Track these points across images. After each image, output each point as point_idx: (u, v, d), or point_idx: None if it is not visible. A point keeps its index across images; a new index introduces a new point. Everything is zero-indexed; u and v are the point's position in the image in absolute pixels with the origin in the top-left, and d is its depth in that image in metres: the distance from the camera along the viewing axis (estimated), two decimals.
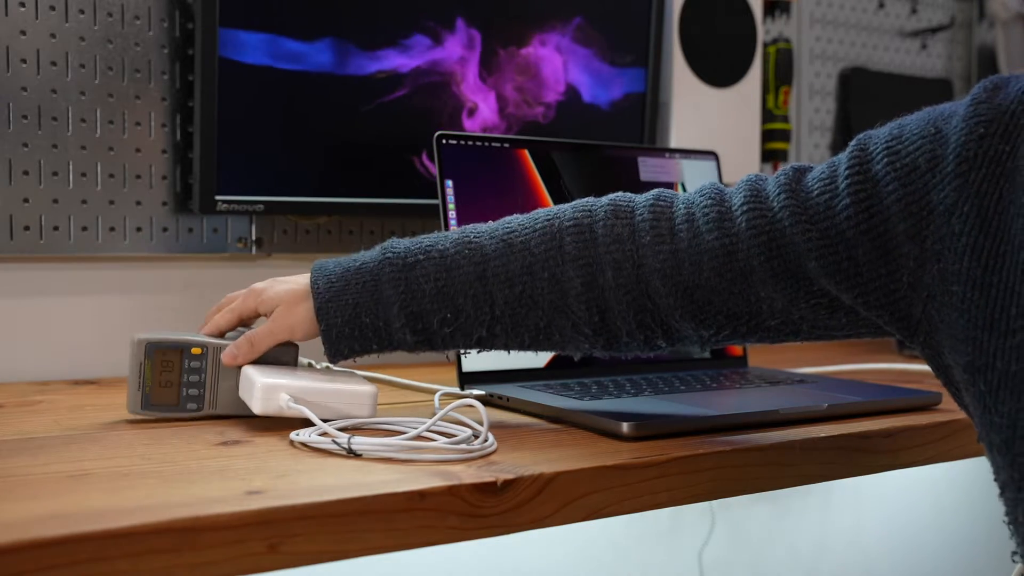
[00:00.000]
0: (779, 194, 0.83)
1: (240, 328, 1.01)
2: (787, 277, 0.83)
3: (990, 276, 0.73)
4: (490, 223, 0.93)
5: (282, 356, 0.97)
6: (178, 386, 0.94)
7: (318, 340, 0.93)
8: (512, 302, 0.89)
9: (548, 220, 0.91)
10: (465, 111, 1.39)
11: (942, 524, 1.97)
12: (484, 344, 0.92)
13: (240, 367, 0.94)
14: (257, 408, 0.89)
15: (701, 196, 0.88)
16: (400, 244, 0.92)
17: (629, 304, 0.88)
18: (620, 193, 0.92)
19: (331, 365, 1.01)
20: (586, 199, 0.92)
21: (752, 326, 0.87)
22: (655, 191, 0.91)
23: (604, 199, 0.91)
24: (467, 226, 0.93)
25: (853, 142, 0.83)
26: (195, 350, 0.94)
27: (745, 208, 0.84)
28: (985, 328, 0.73)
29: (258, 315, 0.97)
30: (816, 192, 0.82)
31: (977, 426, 0.77)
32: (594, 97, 1.49)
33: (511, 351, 0.93)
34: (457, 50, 1.37)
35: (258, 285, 0.97)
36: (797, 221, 0.82)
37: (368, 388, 0.93)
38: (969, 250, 0.74)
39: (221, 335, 0.97)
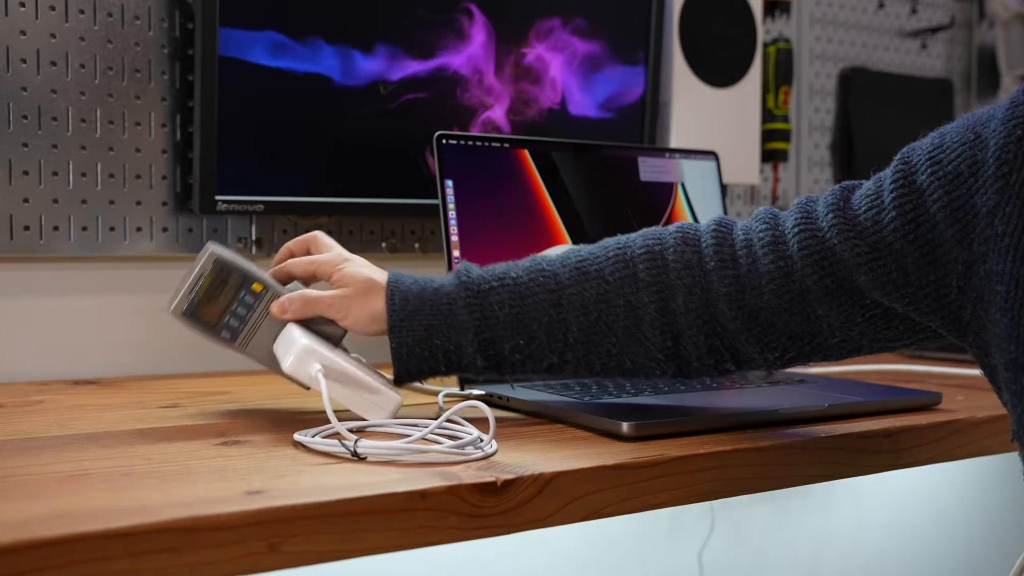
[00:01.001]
0: (827, 214, 0.86)
1: (297, 283, 1.02)
2: (841, 293, 0.85)
3: None
4: (558, 252, 0.95)
5: (331, 332, 0.97)
6: (224, 311, 0.94)
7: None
8: (586, 329, 0.90)
9: (619, 248, 0.92)
10: (464, 111, 1.39)
11: (942, 524, 1.97)
12: (554, 371, 0.93)
13: (286, 322, 0.95)
14: (287, 366, 0.90)
15: (757, 221, 0.90)
16: (475, 271, 0.93)
17: (699, 329, 0.89)
18: (686, 222, 0.94)
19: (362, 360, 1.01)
20: (654, 228, 0.94)
21: (815, 346, 0.89)
22: (715, 217, 0.93)
23: (671, 227, 0.93)
24: (536, 255, 0.95)
25: (897, 156, 0.85)
26: (256, 286, 0.95)
27: (797, 230, 0.86)
28: None
29: (328, 279, 0.97)
30: (863, 208, 0.84)
31: (1014, 424, 0.79)
32: (594, 97, 1.49)
33: (579, 378, 0.94)
34: (459, 51, 1.37)
35: (343, 253, 0.98)
36: (846, 238, 0.84)
37: (395, 396, 0.93)
38: (1012, 249, 0.76)
39: (287, 281, 0.98)
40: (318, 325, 0.96)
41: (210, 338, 0.95)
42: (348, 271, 0.95)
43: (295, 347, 0.89)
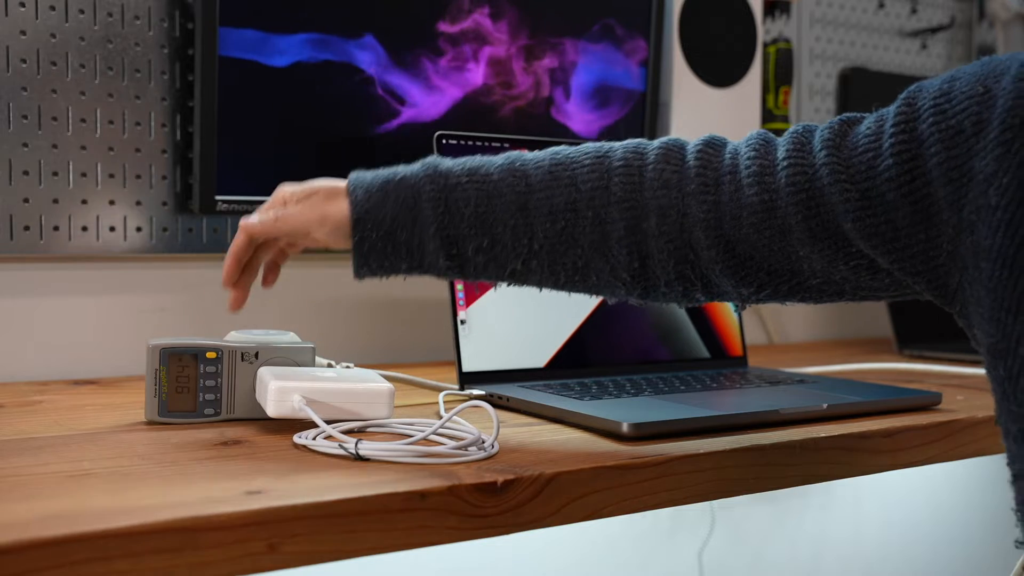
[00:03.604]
0: (822, 149, 0.80)
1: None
2: (825, 237, 0.79)
3: (1023, 256, 0.69)
4: (538, 152, 0.89)
5: (298, 356, 0.97)
6: (195, 391, 0.94)
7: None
8: (552, 237, 0.85)
9: (598, 157, 0.86)
10: (469, 111, 1.39)
11: (942, 524, 1.96)
12: (516, 278, 0.88)
13: (256, 371, 0.94)
14: (271, 410, 0.89)
15: (748, 147, 0.84)
16: (444, 163, 0.88)
17: (671, 253, 0.83)
18: (674, 137, 0.88)
19: (350, 365, 1.00)
20: (639, 140, 0.88)
21: (793, 285, 0.84)
22: (707, 136, 0.87)
23: (657, 141, 0.87)
24: (515, 152, 0.89)
25: (904, 94, 0.78)
26: (210, 354, 0.94)
27: (787, 163, 0.80)
28: (1011, 311, 0.70)
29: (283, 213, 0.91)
30: (860, 150, 0.78)
31: (996, 409, 0.75)
32: (593, 96, 1.49)
33: (543, 288, 0.89)
34: (466, 51, 1.37)
35: (276, 199, 0.92)
36: (836, 180, 0.78)
37: (384, 387, 0.92)
38: (1004, 225, 0.70)
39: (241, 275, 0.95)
40: (286, 355, 0.96)
41: (197, 424, 0.94)
42: (298, 187, 0.91)
43: (268, 392, 0.89)
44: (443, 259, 0.86)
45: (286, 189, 0.92)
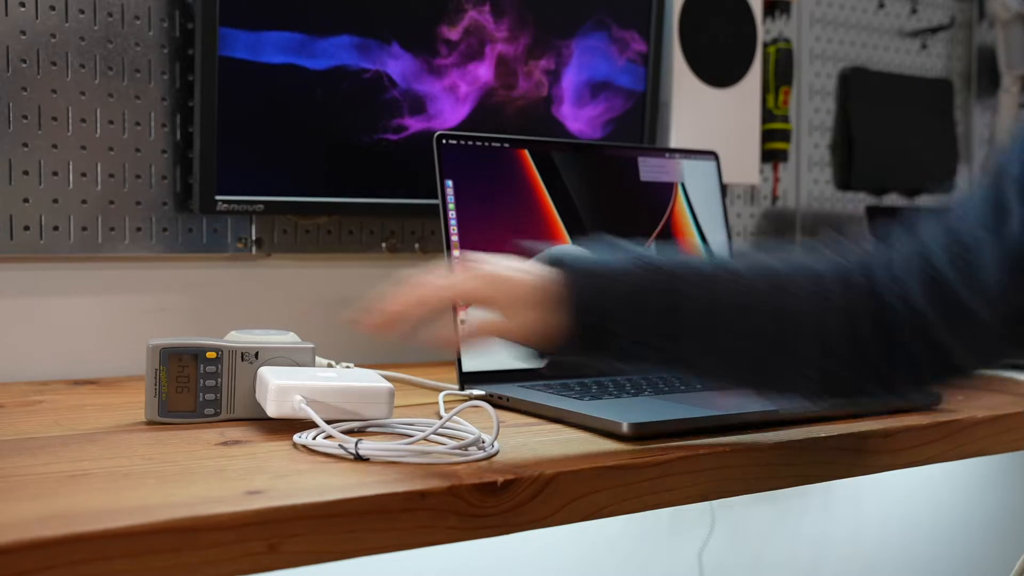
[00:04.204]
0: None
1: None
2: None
3: None
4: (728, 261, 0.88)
5: (298, 356, 0.97)
6: (195, 391, 0.94)
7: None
8: (773, 336, 0.82)
9: (809, 276, 0.84)
10: (470, 111, 1.39)
11: (942, 524, 1.96)
12: (728, 366, 0.84)
13: (255, 371, 0.94)
14: (271, 410, 0.89)
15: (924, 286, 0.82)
16: (649, 254, 0.85)
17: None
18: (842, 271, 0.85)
19: (350, 365, 0.99)
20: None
21: None
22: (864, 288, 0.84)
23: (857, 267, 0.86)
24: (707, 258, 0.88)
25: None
26: (210, 354, 0.94)
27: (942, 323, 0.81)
28: None
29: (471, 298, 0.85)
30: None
31: None
32: (594, 96, 1.49)
33: (740, 384, 0.87)
34: (461, 49, 1.37)
35: (476, 271, 0.84)
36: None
37: (384, 386, 0.92)
38: None
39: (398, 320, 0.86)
40: (286, 355, 0.96)
41: (197, 424, 0.94)
42: (506, 285, 0.82)
43: (268, 392, 0.89)
44: (657, 340, 0.82)
45: (490, 273, 0.84)
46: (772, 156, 1.73)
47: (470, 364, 1.13)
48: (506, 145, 1.21)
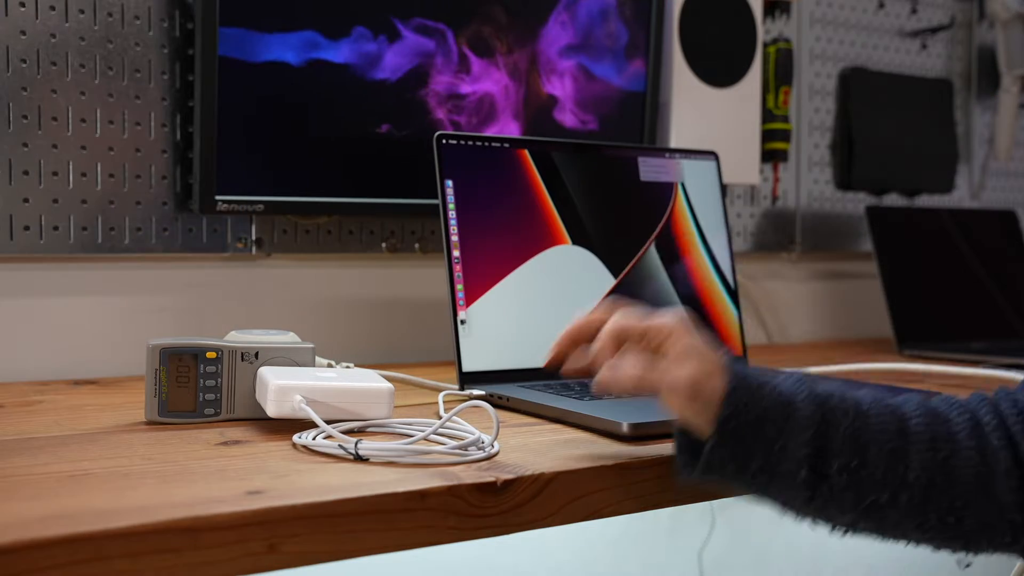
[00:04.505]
0: None
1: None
2: None
3: None
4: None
5: (298, 356, 0.97)
6: (195, 391, 0.94)
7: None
8: (930, 469, 0.77)
9: (961, 406, 0.81)
10: (465, 111, 1.39)
11: None
12: (871, 514, 0.78)
13: (255, 371, 0.94)
14: (271, 410, 0.89)
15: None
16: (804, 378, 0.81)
17: None
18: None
19: (350, 365, 1.00)
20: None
21: None
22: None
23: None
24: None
25: None
26: (210, 354, 0.94)
27: None
28: None
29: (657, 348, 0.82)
30: None
31: None
32: (594, 96, 1.49)
33: (900, 535, 0.82)
34: (466, 50, 1.37)
35: (668, 328, 0.81)
36: None
37: (384, 386, 0.92)
38: None
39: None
40: (286, 355, 0.96)
41: (197, 424, 0.94)
42: (693, 345, 0.80)
43: (268, 392, 0.89)
44: (805, 470, 0.77)
45: (669, 327, 0.82)
46: (772, 156, 1.73)
47: (470, 364, 1.13)
48: (506, 145, 1.21)
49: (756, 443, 0.77)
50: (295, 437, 0.86)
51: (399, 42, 1.33)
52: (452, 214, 1.15)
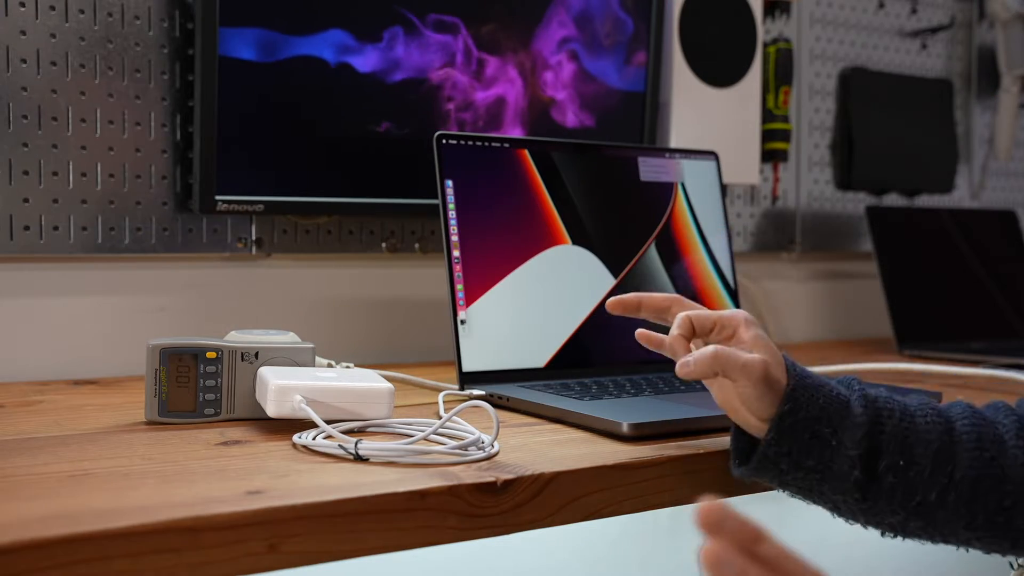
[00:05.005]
0: None
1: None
2: None
3: None
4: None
5: (298, 356, 0.97)
6: (195, 391, 0.94)
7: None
8: (977, 467, 0.78)
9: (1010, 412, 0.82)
10: (468, 110, 1.39)
11: None
12: (920, 513, 0.80)
13: (255, 371, 0.94)
14: (271, 410, 0.89)
15: None
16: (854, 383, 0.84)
17: None
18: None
19: (350, 365, 1.00)
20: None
21: None
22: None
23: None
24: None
25: None
26: (210, 354, 0.94)
27: None
28: None
29: (730, 339, 0.85)
30: None
31: None
32: (593, 96, 1.49)
33: (945, 541, 0.83)
34: (460, 49, 1.37)
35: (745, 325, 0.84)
36: None
37: (384, 387, 0.92)
38: None
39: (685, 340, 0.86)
40: (286, 355, 0.96)
41: (197, 424, 0.94)
42: (762, 335, 0.84)
43: (268, 392, 0.89)
44: (858, 471, 0.79)
45: (742, 321, 0.85)
46: (772, 156, 1.73)
47: (470, 364, 1.13)
48: (506, 145, 1.21)
49: (812, 441, 0.79)
50: (295, 437, 0.86)
51: (400, 42, 1.33)
52: (452, 214, 1.15)
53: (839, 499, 0.81)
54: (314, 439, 0.85)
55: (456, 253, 1.15)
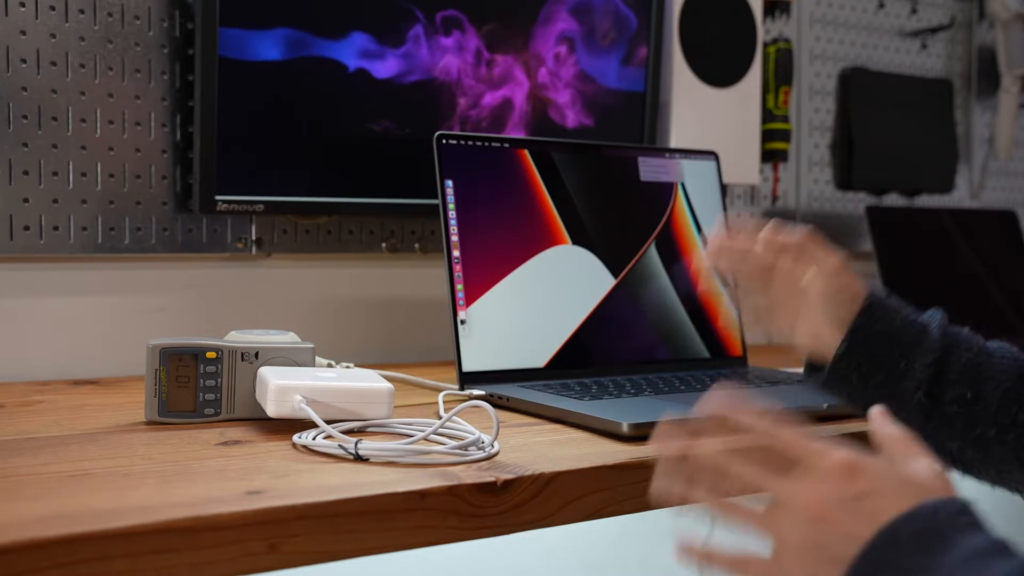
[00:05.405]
0: None
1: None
2: None
3: None
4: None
5: (298, 356, 0.97)
6: (195, 391, 0.94)
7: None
8: None
9: None
10: (467, 110, 1.39)
11: None
12: (978, 447, 0.81)
13: (256, 370, 0.94)
14: (271, 410, 0.89)
15: None
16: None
17: None
18: None
19: (350, 365, 0.99)
20: None
21: None
22: None
23: None
24: None
25: None
26: (210, 354, 0.94)
27: None
28: None
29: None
30: None
31: None
32: (593, 96, 1.49)
33: (1000, 481, 0.83)
34: (463, 50, 1.37)
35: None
36: None
37: (384, 387, 0.92)
38: None
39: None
40: (286, 354, 0.96)
41: (197, 424, 0.94)
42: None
43: (268, 392, 0.89)
44: (922, 394, 0.80)
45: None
46: (772, 156, 1.73)
47: (470, 364, 1.13)
48: (506, 145, 1.21)
49: (882, 358, 0.81)
50: (295, 437, 0.86)
51: (400, 41, 1.33)
52: (452, 214, 1.15)
53: (902, 417, 0.78)
54: (314, 439, 0.85)
55: (456, 253, 1.15)
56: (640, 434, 0.91)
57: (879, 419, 0.68)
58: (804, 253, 0.86)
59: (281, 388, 0.88)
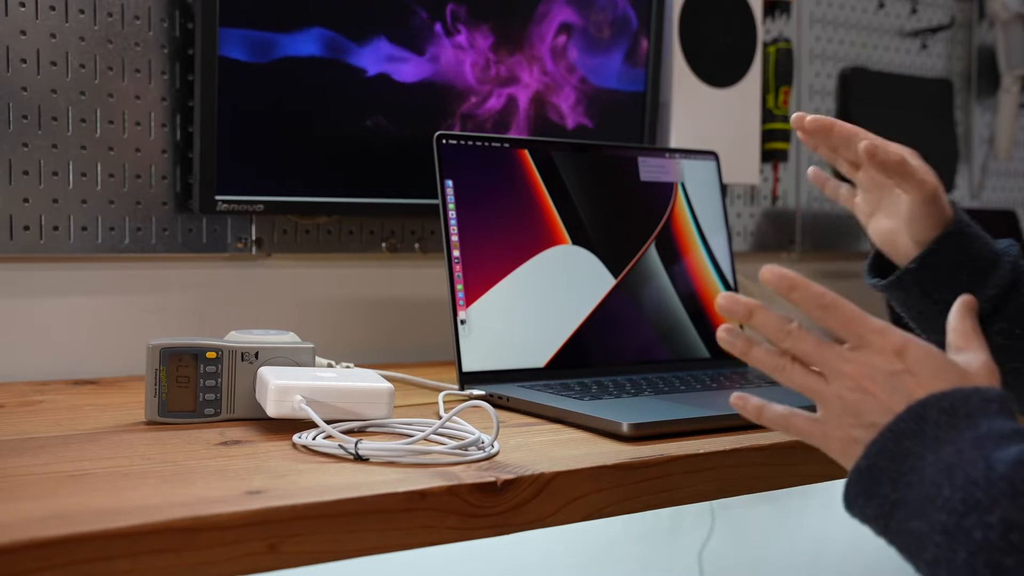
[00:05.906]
0: None
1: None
2: None
3: None
4: None
5: (298, 356, 0.97)
6: (195, 391, 0.94)
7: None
8: None
9: None
10: (469, 110, 1.39)
11: None
12: (1015, 377, 0.85)
13: (255, 371, 0.94)
14: (271, 410, 0.89)
15: None
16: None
17: None
18: None
19: (350, 365, 0.99)
20: None
21: None
22: None
23: None
24: None
25: None
26: (210, 354, 0.94)
27: None
28: None
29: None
30: None
31: None
32: (593, 96, 1.49)
33: None
34: (460, 49, 1.37)
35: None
36: None
37: (384, 387, 0.92)
38: None
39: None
40: (285, 355, 0.96)
41: (197, 424, 0.94)
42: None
43: (268, 392, 0.89)
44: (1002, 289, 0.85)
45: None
46: (772, 156, 1.73)
47: (470, 364, 1.13)
48: (506, 145, 1.21)
49: (947, 281, 0.84)
50: (295, 437, 0.86)
51: (400, 40, 1.33)
52: (452, 214, 1.15)
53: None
54: (314, 439, 0.85)
55: (456, 253, 1.15)
56: (640, 434, 0.91)
57: (959, 311, 0.72)
58: (907, 167, 0.89)
59: (281, 388, 0.88)
